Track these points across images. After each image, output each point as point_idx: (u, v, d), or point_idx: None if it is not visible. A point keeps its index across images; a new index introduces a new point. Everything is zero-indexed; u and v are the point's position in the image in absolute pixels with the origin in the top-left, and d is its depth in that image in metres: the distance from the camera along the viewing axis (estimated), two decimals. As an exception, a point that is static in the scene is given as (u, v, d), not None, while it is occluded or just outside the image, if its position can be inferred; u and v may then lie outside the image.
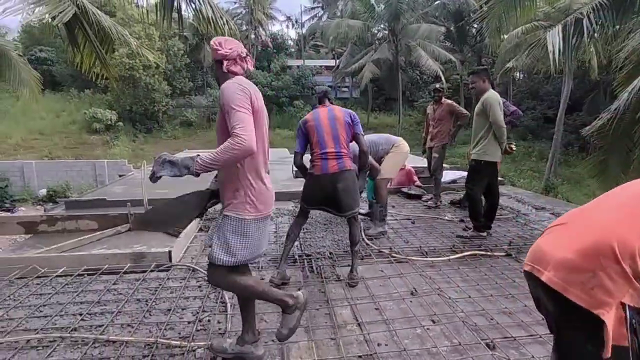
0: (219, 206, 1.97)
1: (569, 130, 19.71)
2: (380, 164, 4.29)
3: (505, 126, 3.92)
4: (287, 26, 48.53)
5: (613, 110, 6.83)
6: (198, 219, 3.84)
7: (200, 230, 4.29)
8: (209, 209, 2.06)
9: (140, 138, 24.94)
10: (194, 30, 27.96)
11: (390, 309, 2.64)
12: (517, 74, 24.55)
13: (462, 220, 4.72)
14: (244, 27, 31.18)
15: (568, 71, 14.46)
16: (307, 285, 2.96)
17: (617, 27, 6.84)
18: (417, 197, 5.94)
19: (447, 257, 3.55)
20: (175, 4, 4.62)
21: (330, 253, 3.63)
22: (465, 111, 5.45)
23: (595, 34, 6.43)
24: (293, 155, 3.27)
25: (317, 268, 3.29)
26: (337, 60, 31.88)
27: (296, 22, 39.97)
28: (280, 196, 5.47)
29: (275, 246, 3.81)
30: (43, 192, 15.34)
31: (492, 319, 2.49)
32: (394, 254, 3.62)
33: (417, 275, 3.20)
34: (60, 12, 3.55)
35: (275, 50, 34.16)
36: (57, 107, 25.52)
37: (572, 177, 17.31)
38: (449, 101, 5.51)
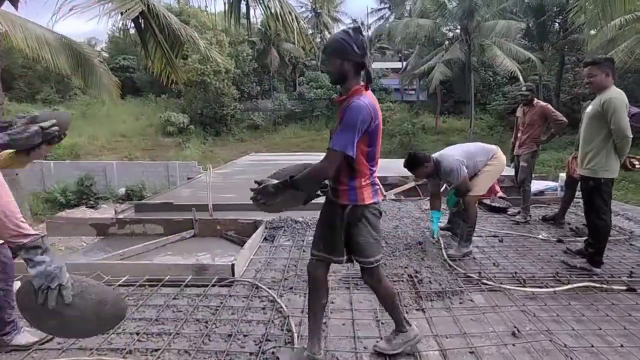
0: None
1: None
2: (475, 178, 3.74)
3: (631, 136, 3.11)
4: (354, 28, 48.45)
5: None
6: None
7: (265, 239, 4.08)
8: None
9: (210, 140, 26.20)
10: (262, 36, 28.83)
11: (489, 355, 2.14)
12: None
13: (560, 241, 4.01)
14: (310, 31, 31.55)
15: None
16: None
17: None
18: (502, 210, 5.23)
19: (552, 289, 2.93)
20: (243, 8, 4.54)
21: (411, 276, 3.17)
22: (562, 117, 4.67)
23: None
24: (328, 155, 1.80)
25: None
26: (404, 62, 30.96)
27: (362, 24, 39.67)
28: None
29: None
30: (122, 191, 16.56)
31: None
32: (485, 279, 3.08)
33: (516, 309, 2.65)
34: (128, 9, 3.59)
35: (341, 53, 34.28)
36: (136, 111, 27.80)
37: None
38: (543, 103, 4.78)
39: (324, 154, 1.82)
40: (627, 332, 2.39)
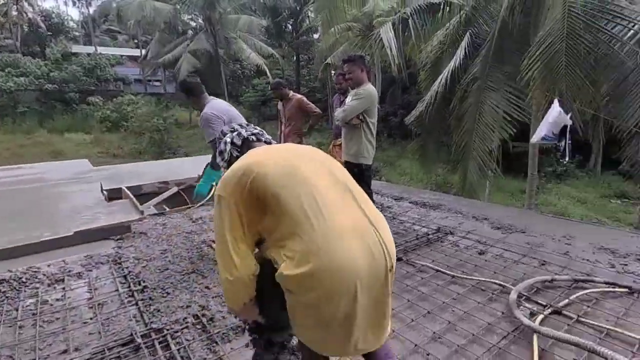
0: None
1: (378, 120, 22.57)
2: None
3: (340, 123, 3.53)
4: (66, 3, 40.09)
5: (425, 102, 7.67)
6: None
7: None
8: None
9: None
10: None
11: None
12: (333, 71, 26.68)
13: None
14: (1, 1, 23.94)
15: (377, 67, 16.20)
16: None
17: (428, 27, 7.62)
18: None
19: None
20: None
21: (197, 316, 2.44)
22: (316, 109, 4.92)
23: (419, 31, 6.97)
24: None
25: None
26: (144, 50, 28.02)
27: (79, -1, 33.33)
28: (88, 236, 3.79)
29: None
30: None
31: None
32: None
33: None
34: None
35: (50, 33, 27.56)
36: None
37: (387, 160, 19.83)
38: (299, 96, 4.90)
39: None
40: (410, 303, 2.53)
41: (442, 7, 7.34)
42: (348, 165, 3.47)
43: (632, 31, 5.27)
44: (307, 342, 1.29)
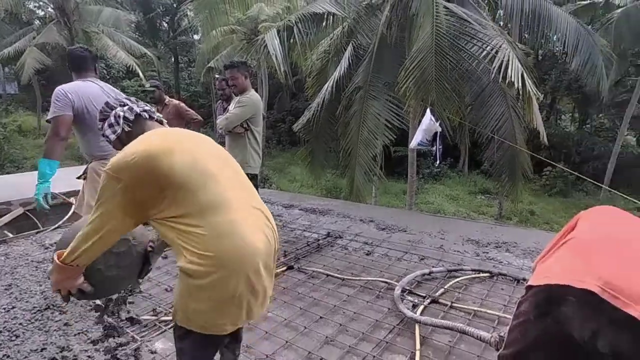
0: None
1: (267, 127, 22.80)
2: None
3: (222, 132, 3.51)
4: None
5: (313, 109, 8.06)
6: None
7: None
8: None
9: None
10: None
11: None
12: (217, 75, 26.03)
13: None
14: None
15: (263, 73, 16.35)
16: None
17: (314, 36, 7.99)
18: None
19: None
20: None
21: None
22: (197, 115, 4.70)
23: (304, 40, 7.25)
24: None
25: None
26: (-27, 41, 23.43)
27: None
28: None
29: None
30: None
31: None
32: (164, 315, 2.51)
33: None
34: None
35: None
36: None
37: (277, 167, 20.06)
38: (176, 101, 4.66)
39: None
40: (302, 311, 2.60)
41: (326, 17, 7.80)
42: None
43: (485, 51, 6.32)
44: (199, 326, 1.35)
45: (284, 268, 3.32)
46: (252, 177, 3.47)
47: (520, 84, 5.73)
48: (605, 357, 1.07)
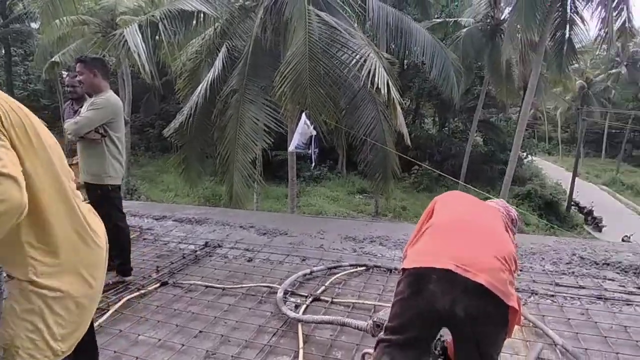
0: None
1: (133, 132, 21.00)
2: None
3: (72, 138, 3.08)
4: None
5: (186, 113, 7.76)
6: None
7: None
8: None
9: None
10: None
11: None
12: (64, 71, 22.95)
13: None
14: None
15: (125, 72, 15.04)
16: None
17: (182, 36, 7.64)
18: None
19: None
20: None
21: None
22: None
23: (171, 38, 6.89)
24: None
25: None
26: None
27: None
28: None
29: None
30: None
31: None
32: None
33: None
34: None
35: None
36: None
37: (147, 176, 18.61)
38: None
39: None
40: (179, 328, 2.51)
41: (196, 15, 7.54)
42: (90, 187, 3.09)
43: (355, 59, 6.87)
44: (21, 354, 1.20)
45: (157, 285, 3.13)
46: (114, 189, 3.18)
47: (386, 91, 6.40)
48: (461, 319, 1.41)
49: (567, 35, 14.41)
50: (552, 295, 2.96)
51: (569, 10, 14.25)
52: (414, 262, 1.52)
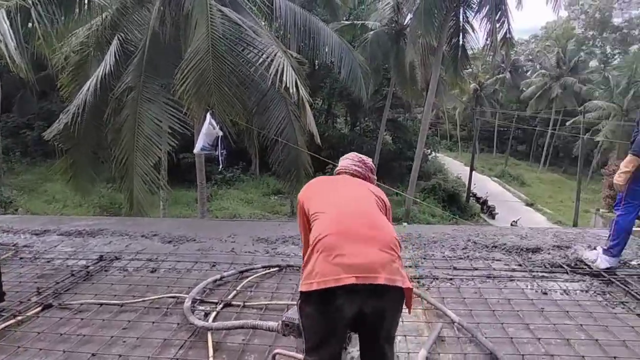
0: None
1: (5, 135, 18.59)
2: None
3: None
4: None
5: (72, 112, 7.06)
6: None
7: None
8: None
9: None
10: None
11: None
12: None
13: None
14: None
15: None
16: None
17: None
18: None
19: None
20: None
21: None
22: None
23: (48, 27, 6.16)
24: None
25: None
26: None
27: None
28: None
29: None
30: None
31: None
32: None
33: None
34: None
35: None
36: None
37: (25, 185, 16.55)
38: None
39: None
40: (67, 354, 2.28)
41: (78, 3, 6.86)
42: None
43: (261, 58, 6.84)
44: None
45: (38, 308, 2.80)
46: None
47: (295, 90, 6.49)
48: (368, 315, 1.61)
49: (461, 42, 16.05)
50: (451, 279, 3.26)
51: (461, 20, 15.91)
52: (316, 285, 1.58)
